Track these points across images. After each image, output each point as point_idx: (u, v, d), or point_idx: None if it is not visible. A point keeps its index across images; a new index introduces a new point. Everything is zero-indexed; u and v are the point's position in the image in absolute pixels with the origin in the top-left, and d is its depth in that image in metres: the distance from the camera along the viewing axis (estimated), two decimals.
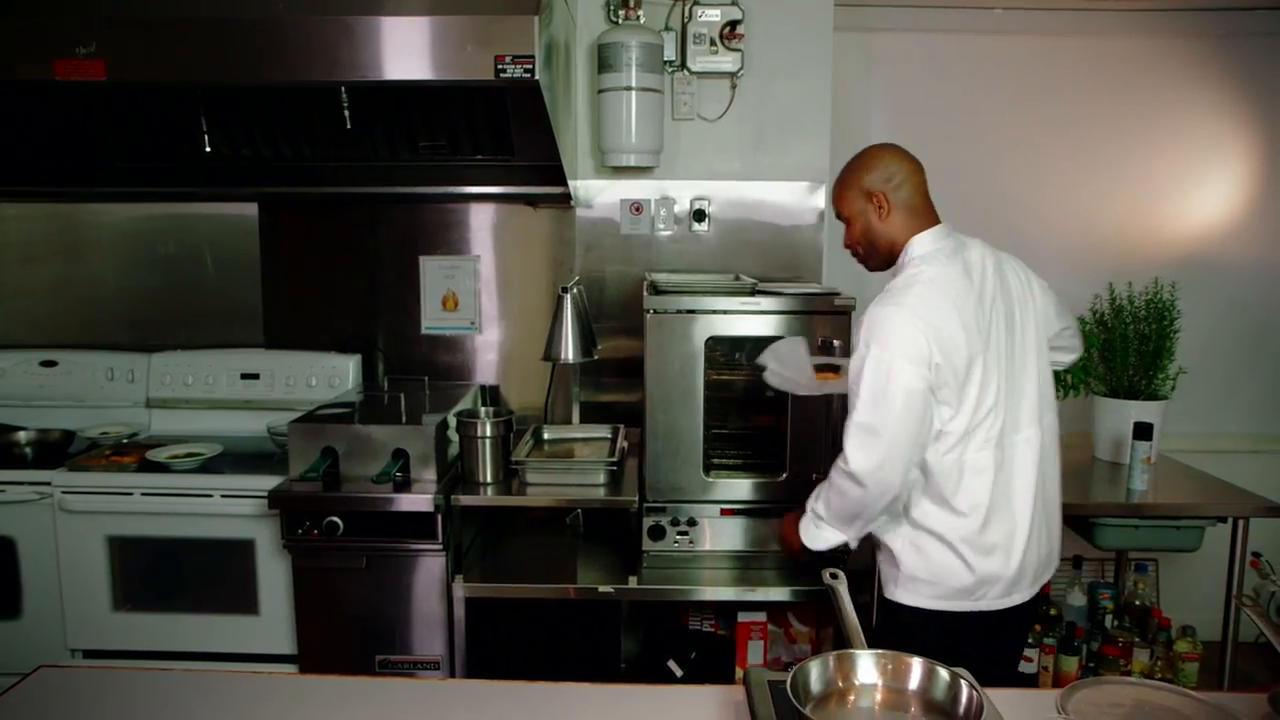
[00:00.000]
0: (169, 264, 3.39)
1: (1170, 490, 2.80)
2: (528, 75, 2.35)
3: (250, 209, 3.33)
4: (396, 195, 3.23)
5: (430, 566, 2.65)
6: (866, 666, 1.40)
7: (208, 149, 2.91)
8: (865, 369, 1.91)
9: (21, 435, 3.03)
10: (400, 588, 2.67)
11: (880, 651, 1.40)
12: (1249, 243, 3.50)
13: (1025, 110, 3.45)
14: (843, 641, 1.48)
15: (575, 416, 3.22)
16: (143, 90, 2.68)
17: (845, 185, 2.14)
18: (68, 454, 2.99)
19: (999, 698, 1.37)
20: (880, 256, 2.12)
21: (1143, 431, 2.75)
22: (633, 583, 2.64)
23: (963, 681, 1.32)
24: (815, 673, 1.37)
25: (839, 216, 2.17)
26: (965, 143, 3.44)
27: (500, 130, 2.88)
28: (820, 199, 3.21)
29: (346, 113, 2.59)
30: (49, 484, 2.79)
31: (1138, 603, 3.07)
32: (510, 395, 3.37)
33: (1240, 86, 3.42)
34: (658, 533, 2.73)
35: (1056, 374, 2.26)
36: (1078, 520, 2.88)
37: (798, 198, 3.23)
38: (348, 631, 2.67)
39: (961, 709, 1.29)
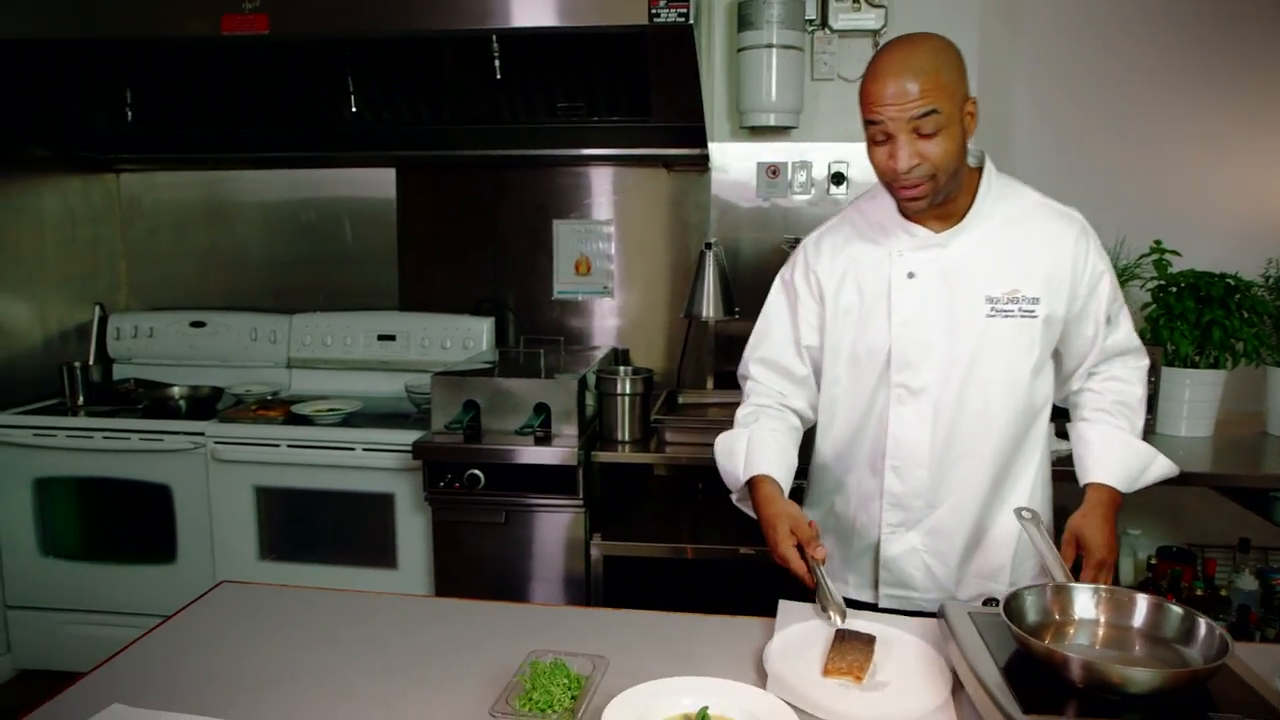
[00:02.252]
0: (309, 229, 3.48)
1: None
2: (682, 19, 2.32)
3: (388, 174, 3.39)
4: (532, 158, 3.25)
5: (569, 523, 2.64)
6: (1084, 601, 1.30)
7: (353, 109, 2.96)
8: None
9: (175, 389, 3.14)
10: (539, 543, 2.66)
11: (1099, 585, 1.31)
12: None
13: (1186, 74, 3.25)
14: None
15: (710, 383, 3.17)
16: (300, 46, 2.74)
17: (950, 65, 1.50)
18: (216, 409, 3.08)
19: None
20: (943, 189, 1.55)
21: None
22: None
23: (1199, 618, 1.21)
24: (1030, 602, 1.29)
25: (923, 116, 1.47)
26: (1113, 109, 3.26)
27: (639, 89, 2.86)
28: None
29: (497, 62, 2.59)
30: (202, 434, 2.88)
31: None
32: (639, 360, 3.34)
33: None
34: (796, 495, 2.65)
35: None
36: (1250, 495, 2.70)
37: None
38: (485, 587, 2.67)
39: (1201, 644, 1.19)
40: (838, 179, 3.16)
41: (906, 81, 1.46)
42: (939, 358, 1.63)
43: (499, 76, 2.64)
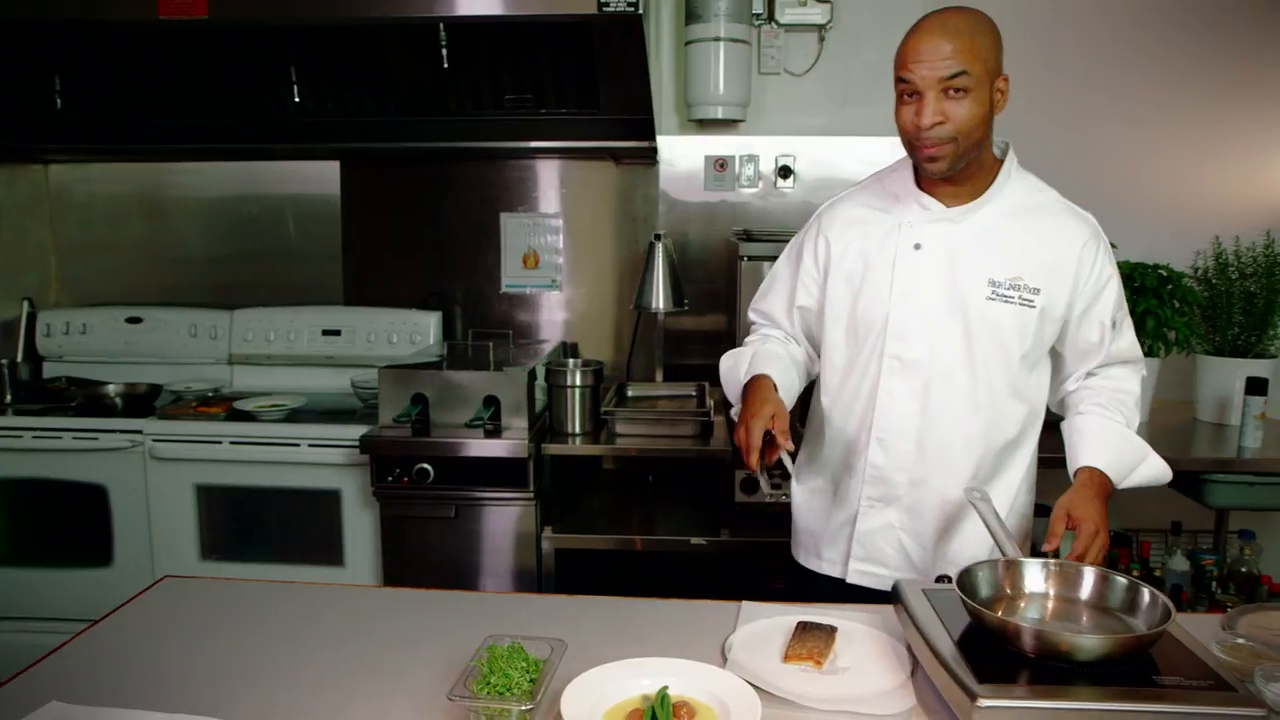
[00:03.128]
0: (251, 222, 3.41)
1: None
2: (631, 9, 2.32)
3: (332, 167, 3.33)
4: (479, 150, 3.22)
5: (519, 516, 2.62)
6: (1034, 575, 1.33)
7: (296, 99, 2.90)
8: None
9: (110, 387, 3.04)
10: (489, 537, 2.64)
11: (1048, 560, 1.34)
12: None
13: (1117, 65, 3.34)
14: None
15: (659, 375, 3.18)
16: (240, 33, 2.68)
17: (987, 36, 1.54)
18: (154, 406, 2.99)
19: None
20: (963, 155, 1.56)
21: (1257, 387, 2.64)
22: (725, 535, 2.60)
23: (1143, 587, 1.25)
24: (983, 577, 1.31)
25: (953, 76, 1.50)
26: (1049, 100, 3.34)
27: (587, 81, 2.85)
28: None
29: (444, 51, 2.56)
30: (140, 432, 2.80)
31: (1244, 570, 2.95)
32: (588, 353, 3.33)
33: None
34: (750, 486, 2.67)
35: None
36: (1182, 479, 2.78)
37: (885, 154, 3.12)
38: (434, 582, 2.59)
39: (1144, 612, 1.23)
40: (785, 172, 3.18)
41: (941, 41, 1.50)
42: (934, 332, 1.64)
43: (446, 66, 2.60)
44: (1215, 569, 2.97)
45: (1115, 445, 1.65)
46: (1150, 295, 2.80)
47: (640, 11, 2.34)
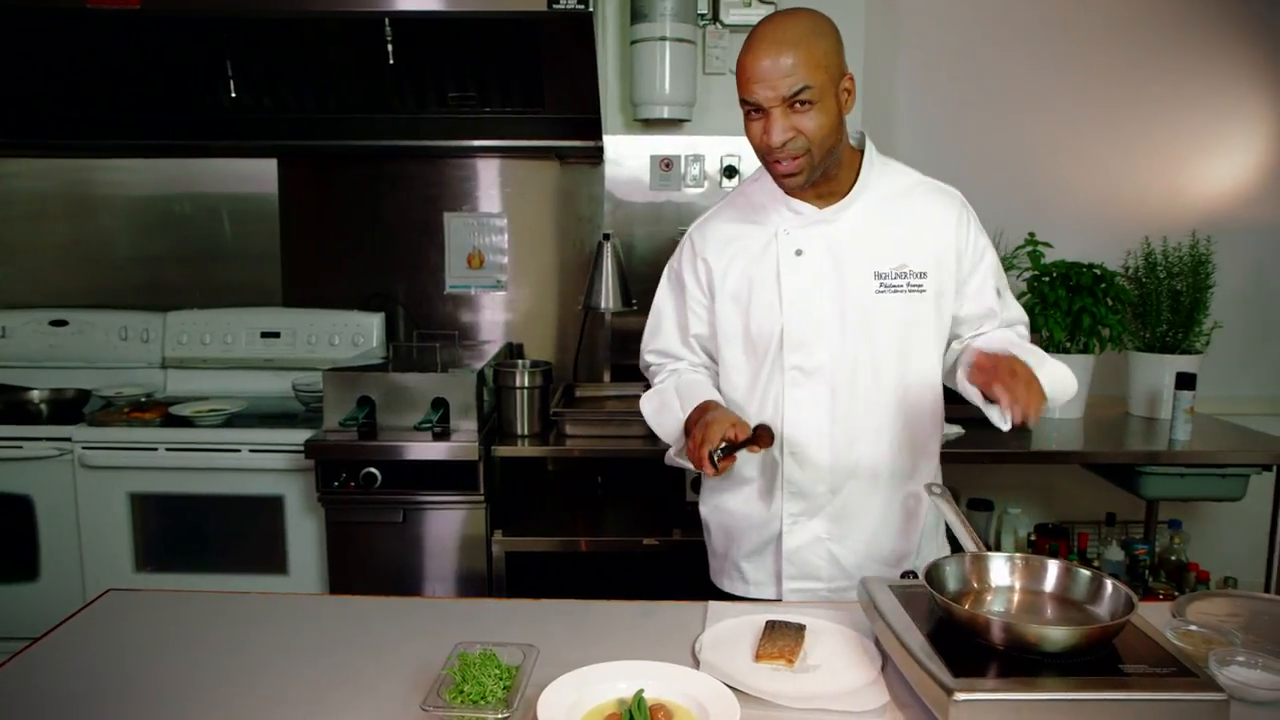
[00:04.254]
0: (184, 221, 3.30)
1: (1211, 441, 2.80)
2: (582, 7, 2.30)
3: (269, 165, 3.24)
4: (421, 149, 3.17)
5: (469, 519, 2.58)
6: (1000, 568, 1.36)
7: (233, 95, 2.82)
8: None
9: (35, 394, 2.92)
10: (438, 541, 2.60)
11: (1013, 554, 1.36)
12: (1266, 206, 3.51)
13: (1049, 70, 3.43)
14: None
15: (606, 376, 3.17)
16: (173, 24, 2.59)
17: (825, 40, 1.50)
18: (83, 412, 2.87)
19: None
20: (819, 165, 1.55)
21: (1185, 381, 2.74)
22: (677, 535, 2.60)
23: (1106, 579, 1.28)
24: (950, 571, 1.33)
25: (797, 93, 1.46)
26: (989, 102, 3.42)
27: (532, 80, 2.83)
28: None
29: (390, 47, 2.51)
30: (69, 440, 2.68)
31: (1174, 558, 3.06)
32: (533, 354, 3.31)
33: (1260, 48, 3.43)
34: (701, 486, 2.67)
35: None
36: (1117, 472, 2.88)
37: None
38: (382, 589, 2.58)
39: (1107, 602, 1.26)
40: (730, 172, 3.20)
41: (779, 58, 1.45)
42: (831, 337, 1.63)
43: (392, 62, 2.55)
44: (1148, 558, 3.08)
45: (1015, 347, 1.59)
46: (1085, 294, 2.88)
47: (591, 10, 2.33)
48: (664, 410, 1.74)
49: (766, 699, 1.21)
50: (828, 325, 1.63)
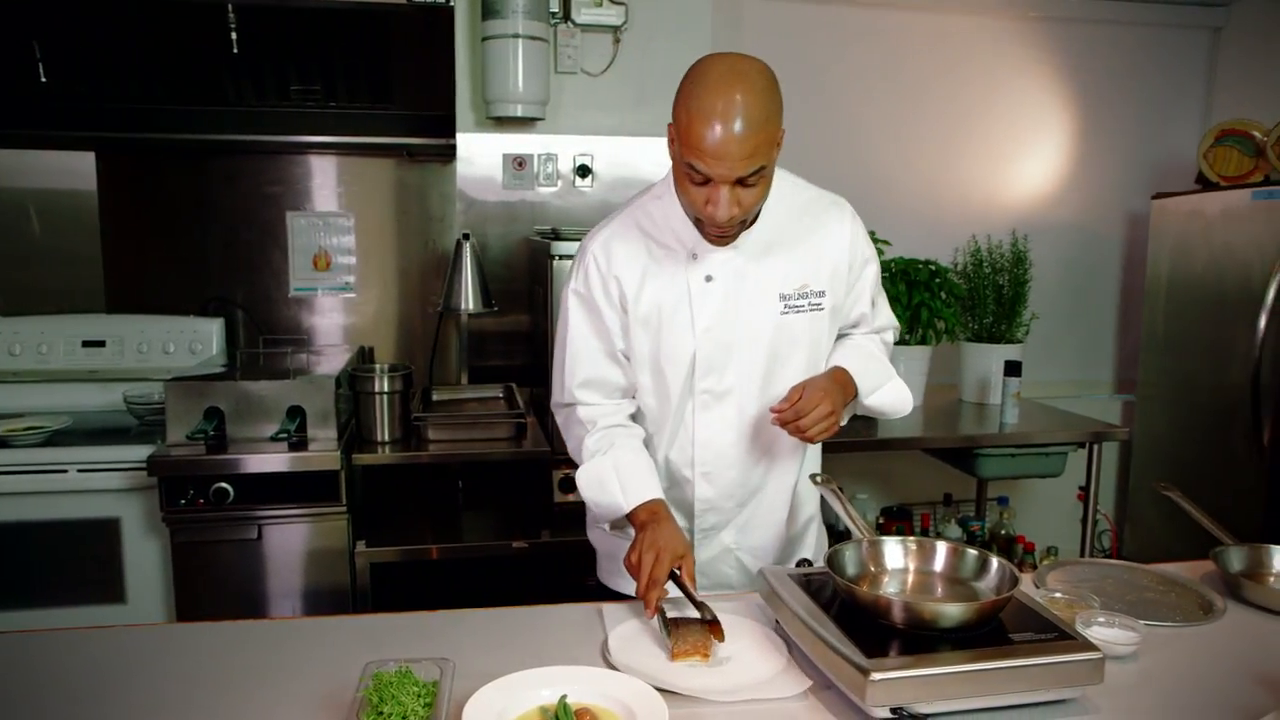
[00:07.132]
0: None
1: (1035, 423, 3.05)
2: (443, 1, 2.24)
3: (86, 158, 2.98)
4: (261, 144, 3.00)
5: (330, 531, 2.48)
6: (894, 552, 1.43)
7: (43, 79, 2.57)
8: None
9: None
10: (297, 557, 2.48)
11: (908, 538, 1.44)
12: (1069, 209, 3.86)
13: (882, 80, 3.65)
14: None
15: (464, 378, 3.11)
16: None
17: (779, 109, 1.46)
18: None
19: None
20: (748, 225, 1.58)
21: (1012, 369, 2.98)
22: (546, 536, 2.59)
23: (991, 557, 1.38)
24: (849, 556, 1.40)
25: (748, 177, 1.44)
26: (828, 110, 3.60)
27: (380, 74, 2.74)
28: None
29: (234, 35, 2.36)
30: None
31: (1004, 532, 3.32)
32: (384, 358, 3.21)
33: (1058, 66, 3.77)
34: (569, 485, 2.68)
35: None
36: (954, 455, 3.09)
37: None
38: (237, 611, 2.44)
39: (993, 579, 1.35)
40: (583, 171, 3.21)
41: (742, 140, 1.39)
42: (740, 360, 1.64)
43: (236, 51, 2.40)
44: (981, 534, 3.32)
45: (865, 360, 1.69)
46: (923, 289, 3.08)
47: (452, 4, 2.27)
48: (603, 493, 1.66)
49: (693, 695, 1.23)
50: (737, 349, 1.64)
